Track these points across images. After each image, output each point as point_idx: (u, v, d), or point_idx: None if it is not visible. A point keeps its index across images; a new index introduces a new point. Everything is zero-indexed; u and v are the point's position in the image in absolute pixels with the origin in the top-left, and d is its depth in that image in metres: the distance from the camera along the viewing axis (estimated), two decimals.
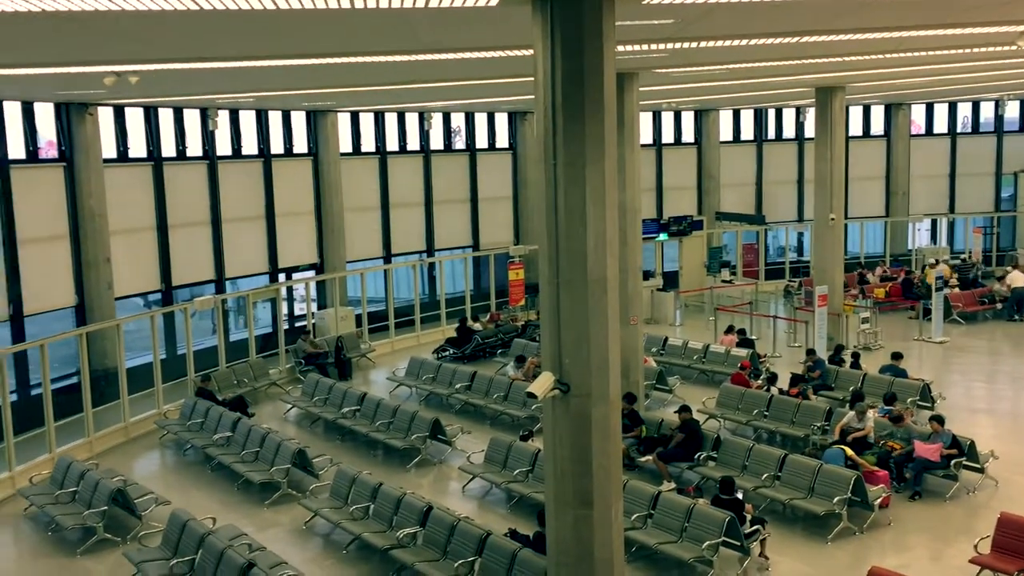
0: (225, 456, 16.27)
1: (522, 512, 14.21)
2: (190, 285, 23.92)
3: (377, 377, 23.13)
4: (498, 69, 15.88)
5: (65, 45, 11.44)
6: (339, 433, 18.40)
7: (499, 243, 29.95)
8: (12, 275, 19.58)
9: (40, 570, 12.86)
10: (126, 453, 17.95)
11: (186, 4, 8.14)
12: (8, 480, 15.57)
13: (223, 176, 24.43)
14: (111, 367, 19.70)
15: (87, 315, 21.08)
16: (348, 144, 27.59)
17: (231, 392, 20.04)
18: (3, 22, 9.13)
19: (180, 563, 11.73)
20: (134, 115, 22.43)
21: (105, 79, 14.21)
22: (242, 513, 14.50)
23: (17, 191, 19.61)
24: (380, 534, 12.76)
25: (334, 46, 12.55)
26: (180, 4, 8.14)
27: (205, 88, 19.06)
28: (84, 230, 20.98)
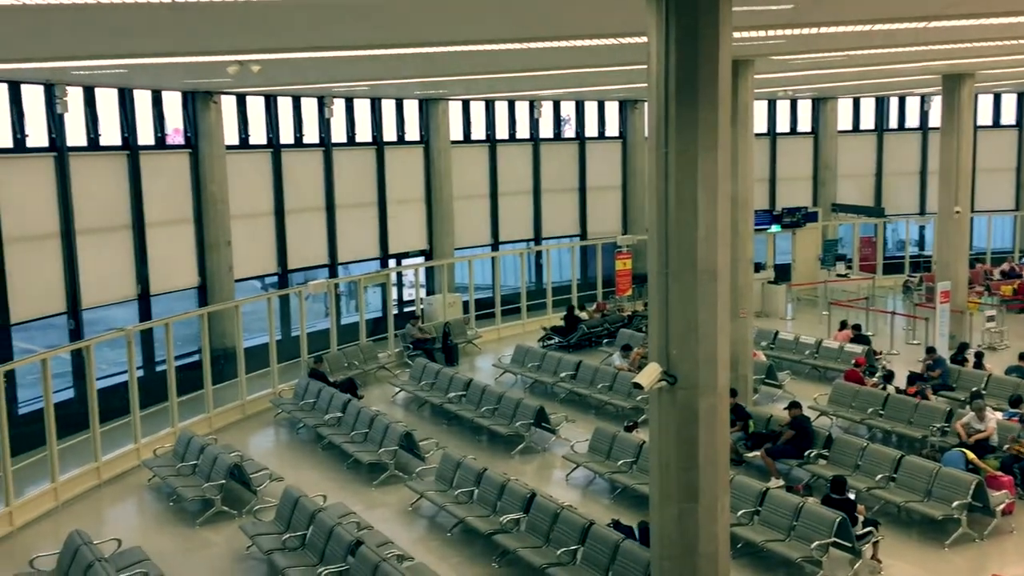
0: (335, 436, 16.71)
1: (625, 503, 14.15)
2: (304, 269, 24.62)
3: (483, 363, 23.35)
4: (610, 57, 15.76)
5: (193, 35, 11.89)
6: (445, 417, 18.67)
7: (607, 232, 29.80)
8: (140, 256, 20.55)
9: (163, 538, 13.48)
10: (242, 430, 18.63)
11: None
12: (134, 452, 16.36)
13: (338, 163, 25.03)
14: (230, 346, 20.46)
15: (208, 296, 21.97)
16: (459, 132, 27.86)
17: (342, 374, 20.55)
18: (135, 12, 9.55)
19: (292, 538, 12.12)
20: (255, 103, 23.18)
21: (229, 68, 14.73)
22: (351, 492, 14.87)
23: (146, 176, 20.55)
24: (484, 519, 12.90)
25: (448, 34, 12.67)
26: None
27: (322, 76, 19.54)
28: (207, 214, 21.85)
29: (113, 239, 20.13)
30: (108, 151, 20.07)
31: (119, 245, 20.28)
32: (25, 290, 18.11)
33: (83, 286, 19.20)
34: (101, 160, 19.94)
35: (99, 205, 19.71)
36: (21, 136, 18.30)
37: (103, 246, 19.81)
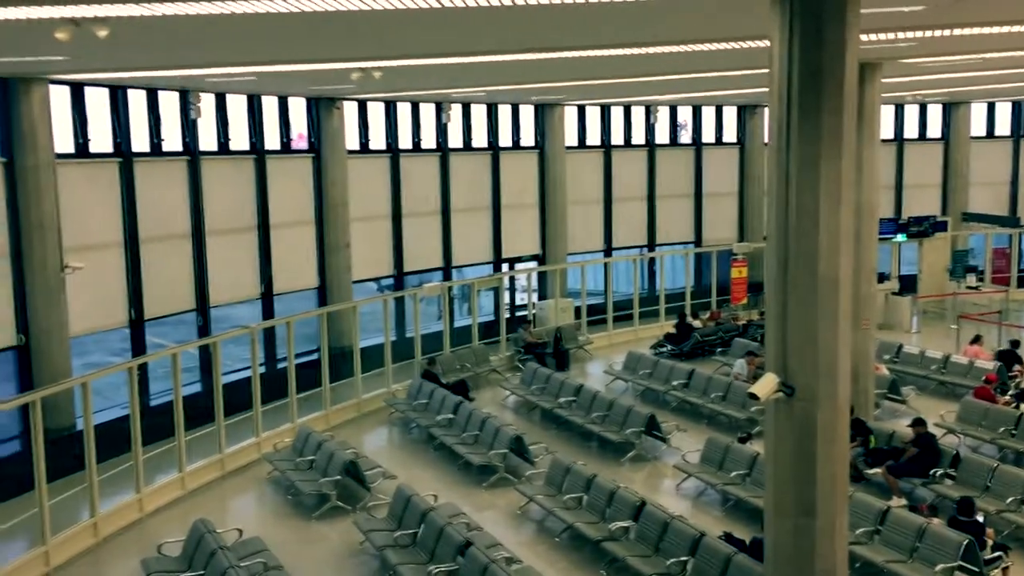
0: (447, 437, 16.93)
1: (738, 516, 13.86)
2: (419, 272, 25.06)
3: (594, 369, 23.27)
4: (731, 61, 15.50)
5: (319, 44, 12.27)
6: (555, 422, 18.68)
7: (722, 239, 29.28)
8: (264, 257, 21.33)
9: (281, 530, 13.93)
10: (358, 427, 19.08)
11: (429, 3, 8.50)
12: (255, 446, 16.96)
13: (454, 167, 25.38)
14: (347, 346, 21.00)
15: (327, 296, 22.62)
16: (574, 137, 27.87)
17: (454, 376, 20.82)
18: (264, 22, 9.93)
19: (404, 535, 12.34)
20: (375, 109, 23.75)
21: (352, 75, 15.15)
22: (461, 493, 15.04)
23: (272, 179, 21.33)
24: (593, 525, 12.85)
25: (567, 40, 12.71)
26: (424, 3, 8.51)
27: (441, 82, 19.87)
28: (328, 217, 22.51)
29: (239, 240, 20.96)
30: (237, 155, 20.91)
31: (245, 246, 21.11)
32: (158, 288, 19.05)
33: (211, 285, 20.07)
34: (230, 164, 20.80)
35: (227, 207, 20.56)
36: (157, 140, 19.24)
37: (230, 247, 20.65)
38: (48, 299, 16.66)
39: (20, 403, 13.98)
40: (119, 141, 18.46)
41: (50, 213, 16.58)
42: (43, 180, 16.49)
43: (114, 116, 18.37)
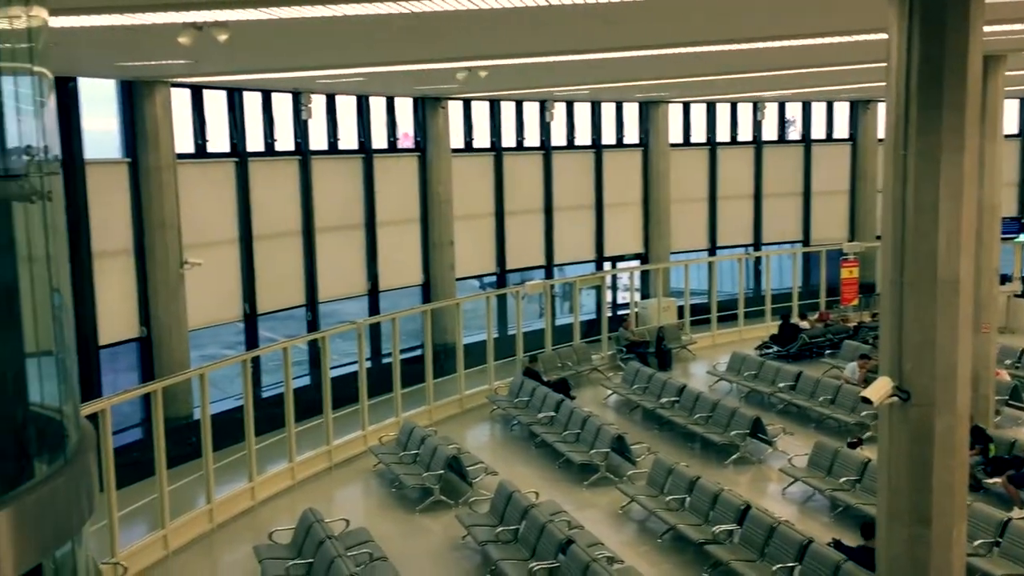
0: (548, 435, 16.98)
1: (847, 523, 13.47)
2: (521, 270, 25.18)
3: (697, 370, 22.97)
4: (845, 55, 15.08)
5: (427, 44, 12.47)
6: (657, 422, 18.53)
7: (832, 238, 28.49)
8: (371, 254, 21.80)
9: (386, 522, 14.22)
10: (460, 423, 19.31)
11: (537, 1, 8.54)
12: (361, 438, 17.35)
13: (556, 166, 25.41)
14: (450, 343, 21.27)
15: (431, 293, 22.95)
16: (678, 135, 27.56)
17: (555, 374, 20.85)
18: (374, 24, 10.14)
19: (505, 531, 12.44)
20: (479, 108, 23.97)
21: (458, 74, 15.33)
22: (562, 491, 15.06)
23: (378, 178, 21.78)
24: (695, 527, 12.70)
25: (671, 36, 12.58)
26: (532, 2, 8.55)
27: (544, 81, 19.92)
28: (432, 215, 22.84)
29: (348, 237, 21.47)
30: (345, 154, 21.42)
31: (353, 243, 21.60)
32: (270, 284, 19.68)
33: (320, 281, 20.62)
34: (339, 163, 21.31)
35: (336, 205, 21.08)
36: (271, 141, 19.87)
37: (338, 244, 21.17)
38: (168, 294, 17.41)
39: (142, 392, 14.66)
40: (235, 141, 19.13)
41: (171, 211, 17.32)
42: (165, 180, 17.22)
43: (231, 117, 19.04)
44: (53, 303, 4.29)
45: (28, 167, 3.92)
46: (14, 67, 4.04)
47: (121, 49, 12.73)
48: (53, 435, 4.09)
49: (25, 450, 4.01)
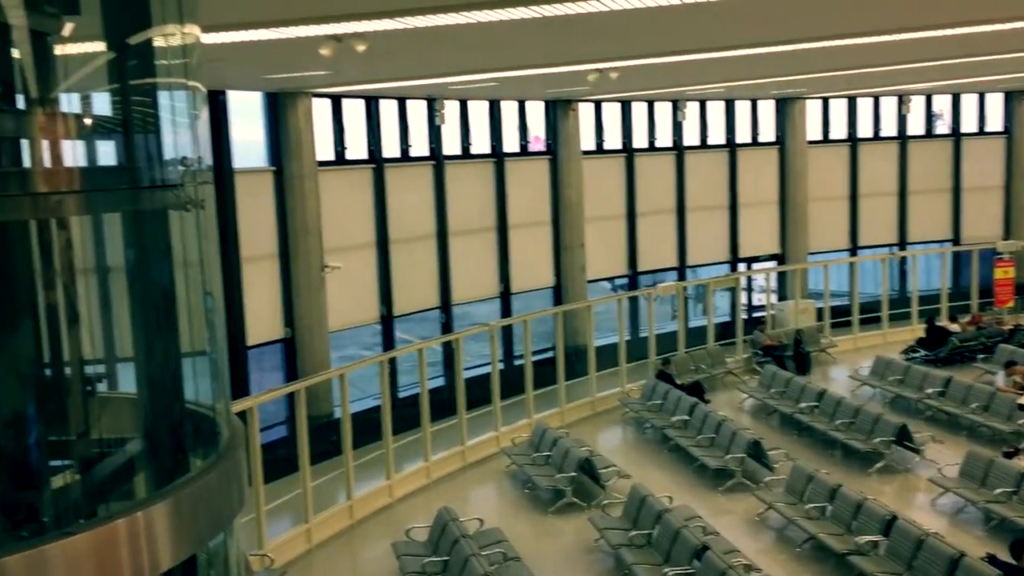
0: (682, 438, 16.73)
1: (1002, 537, 12.69)
2: (653, 271, 24.92)
3: (838, 374, 22.17)
4: (996, 45, 14.27)
5: (559, 47, 12.50)
6: (795, 428, 17.98)
7: (984, 237, 26.98)
8: (503, 257, 22.02)
9: (518, 522, 14.32)
10: (592, 425, 19.26)
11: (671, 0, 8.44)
12: (494, 439, 17.54)
13: (689, 165, 25.04)
14: (581, 345, 21.26)
15: (563, 295, 23.00)
16: (817, 131, 26.69)
17: (689, 377, 20.54)
18: (507, 29, 10.24)
19: (639, 535, 12.33)
20: (610, 109, 23.87)
21: (589, 76, 15.31)
22: (696, 496, 14.81)
23: (510, 181, 21.98)
24: (837, 537, 12.25)
25: (812, 30, 12.20)
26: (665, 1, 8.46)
27: (677, 81, 19.67)
28: (563, 217, 22.89)
29: (480, 240, 21.75)
30: (478, 159, 21.72)
31: (485, 246, 21.87)
32: (406, 286, 20.15)
33: (454, 284, 20.97)
34: (472, 167, 21.63)
35: (469, 209, 21.40)
36: (406, 147, 20.35)
37: (471, 247, 21.48)
38: (310, 296, 18.06)
39: (287, 392, 15.27)
40: (372, 148, 19.69)
41: (313, 217, 17.97)
42: (307, 187, 17.89)
43: (368, 125, 19.61)
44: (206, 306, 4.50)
45: (183, 177, 4.12)
46: (170, 82, 4.26)
47: (267, 62, 13.32)
48: (207, 431, 4.29)
49: (181, 445, 4.22)
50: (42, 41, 3.56)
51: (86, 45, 3.99)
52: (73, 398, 3.84)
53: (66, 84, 3.78)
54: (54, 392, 3.78)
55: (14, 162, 3.54)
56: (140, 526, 3.52)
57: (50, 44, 3.59)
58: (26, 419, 3.52)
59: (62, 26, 3.69)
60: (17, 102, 3.66)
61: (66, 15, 3.73)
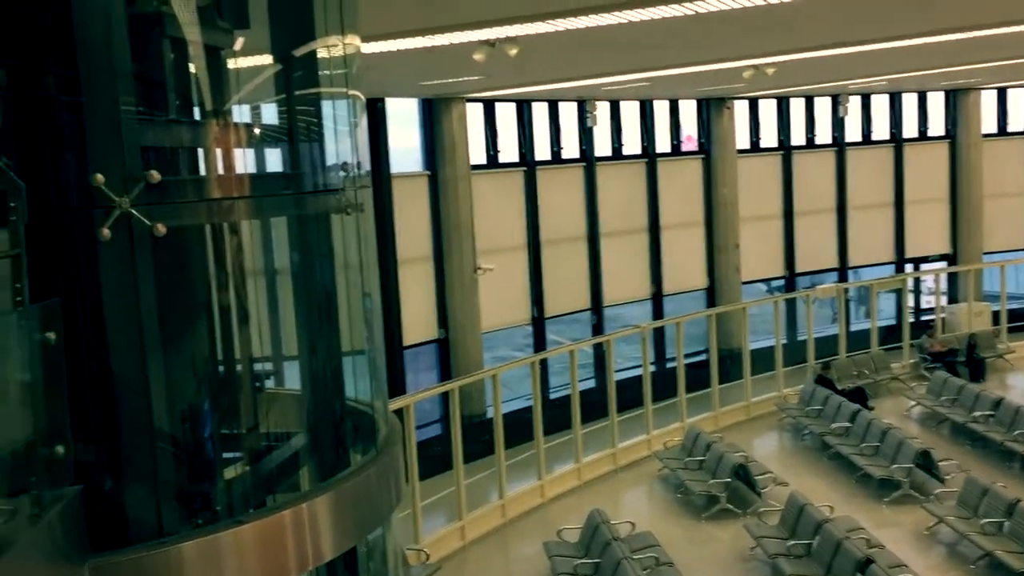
0: (843, 446, 16.07)
1: None
2: (812, 272, 24.07)
3: (1016, 381, 20.80)
4: None
5: (713, 44, 12.26)
6: (968, 438, 16.95)
7: None
8: (655, 258, 21.79)
9: (670, 527, 14.11)
10: (746, 430, 18.77)
11: None
12: (645, 442, 17.36)
13: (851, 162, 24.05)
14: (735, 348, 20.77)
15: (716, 297, 22.53)
16: (992, 124, 25.09)
17: (850, 383, 19.71)
18: (659, 28, 10.11)
19: (797, 545, 11.93)
20: (767, 106, 23.22)
21: (744, 73, 14.93)
22: (858, 507, 14.19)
23: (662, 181, 21.74)
24: (1018, 555, 11.47)
25: (991, 16, 11.47)
26: None
27: (838, 74, 18.91)
28: (717, 217, 22.44)
29: (631, 242, 21.60)
30: (629, 159, 21.57)
31: (637, 247, 21.70)
32: (557, 288, 20.24)
33: (605, 285, 20.91)
34: (623, 168, 21.50)
35: (620, 210, 21.29)
36: (557, 149, 20.44)
37: (622, 248, 21.35)
38: (464, 297, 18.41)
39: (441, 391, 15.61)
40: (524, 151, 19.88)
41: (466, 219, 18.31)
42: (460, 190, 18.25)
43: (520, 128, 19.81)
44: (365, 306, 4.64)
45: (344, 182, 4.26)
46: (332, 92, 4.41)
47: (423, 69, 13.67)
48: (366, 428, 4.42)
49: (342, 441, 4.36)
50: (216, 56, 3.76)
51: (255, 58, 4.20)
52: (244, 394, 4.04)
53: (237, 96, 3.99)
54: (226, 388, 3.99)
55: (191, 170, 3.75)
56: (304, 517, 3.67)
57: (223, 58, 3.79)
58: (201, 413, 3.72)
59: (234, 41, 3.89)
60: (194, 114, 3.88)
61: (237, 30, 3.93)
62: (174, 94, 3.79)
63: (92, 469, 3.28)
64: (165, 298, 3.38)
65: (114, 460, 3.39)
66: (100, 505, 3.25)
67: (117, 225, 3.19)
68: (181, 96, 3.83)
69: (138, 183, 3.22)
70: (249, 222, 3.92)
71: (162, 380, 3.39)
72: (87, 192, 3.21)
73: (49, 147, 3.36)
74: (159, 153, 3.57)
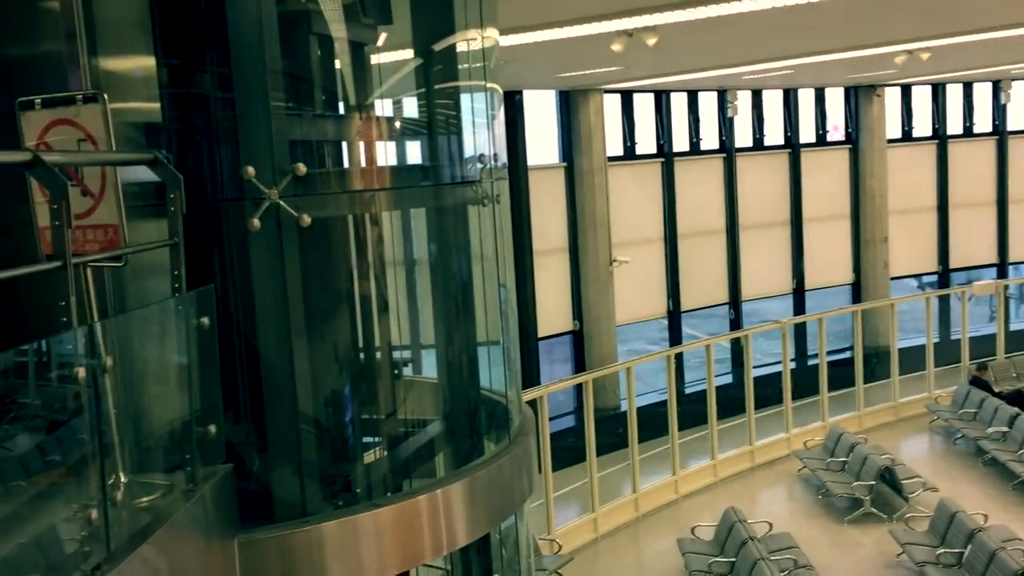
0: (1000, 452, 15.19)
1: None
2: (968, 268, 22.82)
3: None
4: None
5: (862, 28, 11.77)
6: None
7: None
8: (796, 252, 21.14)
9: (811, 529, 13.68)
10: (894, 432, 17.97)
11: None
12: (784, 441, 16.88)
13: (1013, 152, 22.65)
14: (882, 346, 19.93)
15: (862, 293, 21.67)
16: None
17: (1009, 385, 18.57)
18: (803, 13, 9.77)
19: (947, 553, 11.35)
20: (920, 93, 22.13)
21: (897, 58, 14.28)
22: (1016, 515, 13.36)
23: (806, 173, 21.05)
24: None
25: None
26: None
27: (1000, 58, 17.83)
28: (864, 210, 21.57)
29: (772, 235, 21.02)
30: (771, 150, 20.99)
31: (778, 241, 21.11)
32: (693, 282, 19.92)
33: (744, 279, 20.44)
34: (764, 159, 20.94)
35: (760, 203, 20.74)
36: (696, 140, 20.08)
37: (763, 242, 20.81)
38: (599, 290, 18.36)
39: (575, 383, 15.62)
40: (661, 142, 19.63)
41: (602, 212, 18.25)
42: (596, 182, 18.19)
43: (658, 119, 19.57)
44: (500, 297, 4.69)
45: (481, 174, 4.32)
46: (471, 85, 4.47)
47: (560, 61, 13.67)
48: (500, 417, 4.47)
49: (477, 429, 4.43)
50: (360, 51, 3.87)
51: (397, 53, 4.30)
52: (382, 381, 4.15)
53: (379, 90, 4.09)
54: (366, 374, 4.11)
55: (335, 163, 3.88)
56: (439, 503, 3.75)
57: (366, 53, 3.89)
58: (342, 398, 3.85)
59: (377, 36, 4.00)
60: (338, 108, 4.01)
61: (380, 25, 4.03)
62: (320, 89, 3.93)
63: (241, 448, 3.45)
64: (310, 286, 3.51)
65: (261, 440, 3.54)
66: (248, 483, 3.41)
67: (266, 216, 3.34)
68: (326, 91, 3.96)
69: (286, 175, 3.35)
70: (389, 213, 4.03)
71: (306, 365, 3.53)
72: (239, 184, 3.37)
73: (204, 142, 3.54)
74: (305, 146, 3.71)
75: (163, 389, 3.12)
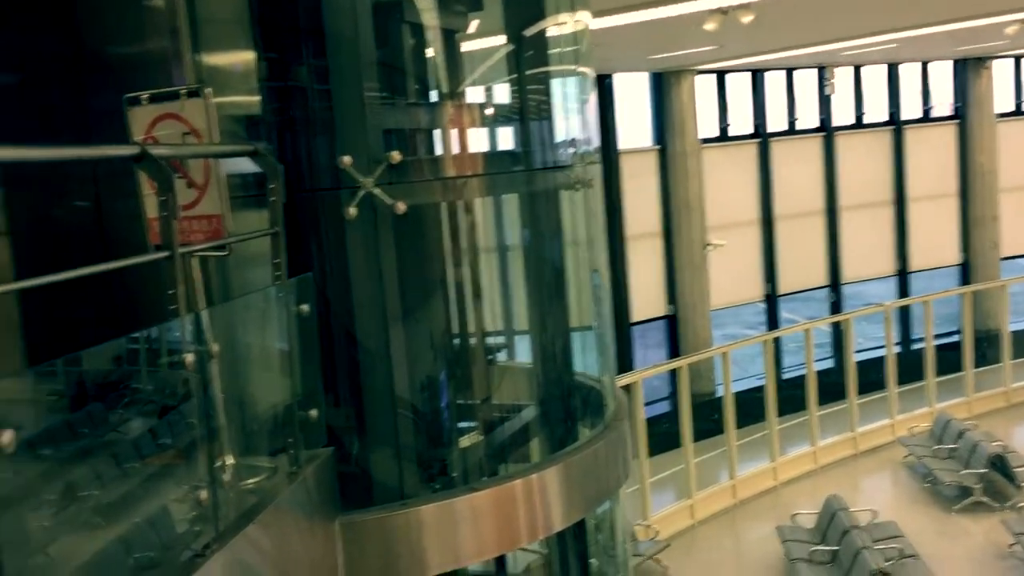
0: None
1: None
2: None
3: None
4: None
5: None
6: None
7: None
8: (900, 232, 20.45)
9: (917, 518, 13.25)
10: (1005, 418, 17.26)
11: None
12: (889, 427, 16.38)
13: None
14: (993, 329, 19.14)
15: (971, 274, 20.85)
16: None
17: None
18: None
19: None
20: None
21: (1007, 29, 13.65)
22: None
23: (909, 150, 20.32)
24: None
25: None
26: None
27: None
28: (972, 187, 20.71)
29: (874, 215, 20.38)
30: (872, 127, 20.32)
31: (880, 221, 20.46)
32: (791, 264, 19.47)
33: (844, 261, 19.89)
34: (865, 137, 20.29)
35: (861, 182, 20.12)
36: (793, 119, 19.59)
37: (864, 222, 20.20)
38: (693, 274, 18.12)
39: (669, 368, 15.46)
40: (757, 123, 19.21)
41: (695, 194, 17.98)
42: (690, 164, 17.92)
43: (753, 99, 19.16)
44: (593, 282, 4.67)
45: (573, 159, 4.30)
46: (562, 69, 4.46)
47: (652, 42, 13.49)
48: (594, 403, 4.46)
49: (571, 414, 4.43)
50: (451, 38, 3.89)
51: (488, 39, 4.30)
52: (477, 366, 4.19)
53: (471, 77, 4.11)
54: (461, 360, 4.15)
55: (428, 150, 3.92)
56: (535, 487, 3.77)
57: (457, 41, 3.91)
58: (438, 384, 3.90)
59: (468, 23, 4.01)
60: (430, 96, 4.04)
61: (472, 12, 4.04)
62: (412, 78, 3.97)
63: (341, 432, 3.53)
64: (405, 273, 3.56)
65: (360, 425, 3.62)
66: (348, 466, 3.49)
67: (362, 204, 3.40)
68: (419, 79, 4.00)
69: (381, 164, 3.40)
70: (482, 199, 4.05)
71: (403, 350, 3.58)
72: (335, 174, 3.43)
73: (302, 133, 3.62)
74: (399, 135, 3.76)
75: (266, 374, 3.22)
